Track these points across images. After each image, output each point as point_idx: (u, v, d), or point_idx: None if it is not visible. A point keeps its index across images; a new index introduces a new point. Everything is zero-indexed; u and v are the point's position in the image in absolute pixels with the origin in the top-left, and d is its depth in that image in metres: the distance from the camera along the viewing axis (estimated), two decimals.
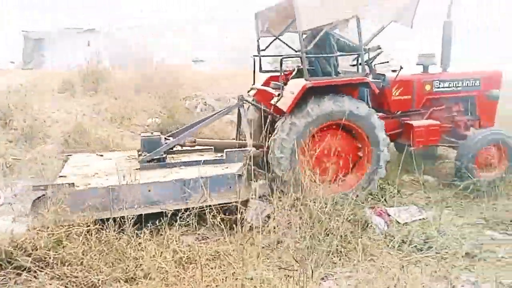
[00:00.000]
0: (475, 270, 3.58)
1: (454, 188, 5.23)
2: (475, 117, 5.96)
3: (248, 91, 6.18)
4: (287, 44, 6.18)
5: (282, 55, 5.64)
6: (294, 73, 5.49)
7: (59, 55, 14.15)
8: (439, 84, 5.74)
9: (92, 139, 6.77)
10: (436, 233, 4.00)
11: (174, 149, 5.61)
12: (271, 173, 5.05)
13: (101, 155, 5.71)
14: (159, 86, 10.01)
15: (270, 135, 5.24)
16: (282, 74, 5.43)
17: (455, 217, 4.76)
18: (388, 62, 5.65)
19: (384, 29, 5.00)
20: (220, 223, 3.69)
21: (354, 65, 5.81)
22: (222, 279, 3.08)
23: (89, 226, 3.62)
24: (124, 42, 20.72)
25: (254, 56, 6.04)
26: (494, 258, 3.85)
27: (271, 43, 6.09)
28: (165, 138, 5.50)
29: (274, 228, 3.89)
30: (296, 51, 6.29)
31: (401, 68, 5.46)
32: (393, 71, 5.62)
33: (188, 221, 3.92)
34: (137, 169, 4.87)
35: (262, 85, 5.95)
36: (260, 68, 6.08)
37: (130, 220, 3.78)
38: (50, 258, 3.29)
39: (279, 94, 5.06)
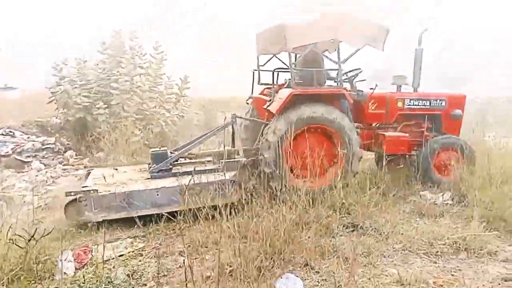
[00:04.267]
0: None
1: None
2: (440, 133, 6.69)
3: (247, 100, 7.16)
4: (283, 62, 7.16)
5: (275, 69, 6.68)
6: (286, 84, 6.45)
7: None
8: (410, 101, 6.60)
9: None
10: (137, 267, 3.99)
11: (182, 161, 6.52)
12: (261, 172, 5.68)
13: (116, 169, 6.51)
14: None
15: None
16: (277, 85, 6.44)
17: None
18: (365, 80, 6.55)
19: (359, 50, 5.87)
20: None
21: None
22: None
23: None
24: None
25: (254, 70, 7.02)
26: None
27: (269, 60, 7.07)
28: (170, 152, 6.34)
29: None
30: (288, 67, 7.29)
31: (376, 85, 6.37)
32: (371, 89, 6.55)
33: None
34: (147, 178, 5.85)
35: (258, 94, 6.93)
36: (259, 81, 7.01)
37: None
38: None
39: (270, 100, 6.01)
